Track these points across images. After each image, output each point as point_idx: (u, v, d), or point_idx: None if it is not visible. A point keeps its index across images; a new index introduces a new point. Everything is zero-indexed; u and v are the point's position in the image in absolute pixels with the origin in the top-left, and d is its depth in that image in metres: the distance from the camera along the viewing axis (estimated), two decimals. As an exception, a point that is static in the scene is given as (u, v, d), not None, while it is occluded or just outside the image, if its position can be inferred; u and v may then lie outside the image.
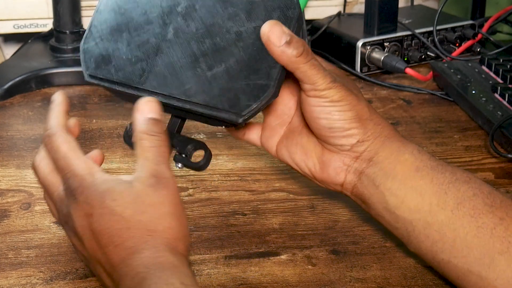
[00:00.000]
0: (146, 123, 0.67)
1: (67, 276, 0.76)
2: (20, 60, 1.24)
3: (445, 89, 1.16)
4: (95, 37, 0.75)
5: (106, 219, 0.64)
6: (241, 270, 0.77)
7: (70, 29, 1.23)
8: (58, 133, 0.69)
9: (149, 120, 0.67)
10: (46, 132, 0.70)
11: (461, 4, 1.44)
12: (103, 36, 0.75)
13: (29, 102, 1.15)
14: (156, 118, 0.67)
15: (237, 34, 0.71)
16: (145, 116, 0.67)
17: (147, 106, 0.68)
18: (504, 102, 1.06)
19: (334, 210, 0.87)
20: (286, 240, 0.82)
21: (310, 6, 1.40)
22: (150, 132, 0.66)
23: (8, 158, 0.98)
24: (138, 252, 0.63)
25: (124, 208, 0.64)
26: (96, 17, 0.76)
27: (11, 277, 0.76)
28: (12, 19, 1.30)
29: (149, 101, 0.68)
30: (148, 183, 0.64)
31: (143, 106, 0.68)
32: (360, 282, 0.75)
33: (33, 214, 0.86)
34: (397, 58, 1.21)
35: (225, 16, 0.71)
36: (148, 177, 0.64)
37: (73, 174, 0.66)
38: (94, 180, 0.65)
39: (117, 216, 0.64)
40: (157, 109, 0.68)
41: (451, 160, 0.97)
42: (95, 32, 0.75)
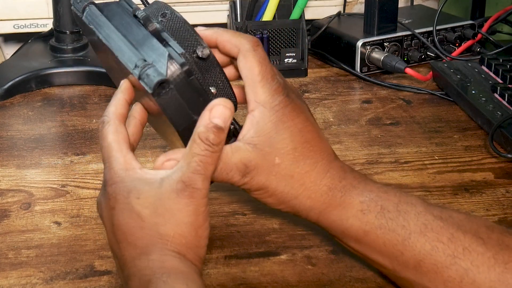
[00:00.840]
0: (208, 128, 0.64)
1: (67, 276, 0.76)
2: (20, 60, 1.24)
3: (445, 89, 1.16)
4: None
5: (125, 215, 0.64)
6: (241, 270, 0.77)
7: (70, 29, 1.23)
8: (110, 122, 0.68)
9: (210, 126, 0.64)
10: (101, 118, 0.69)
11: (461, 4, 1.44)
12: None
13: (29, 102, 1.15)
14: (220, 126, 0.64)
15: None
16: (211, 120, 0.64)
17: (218, 110, 0.64)
18: (503, 102, 1.06)
19: (334, 210, 0.87)
20: (286, 240, 0.81)
21: (310, 6, 1.40)
22: (206, 139, 0.64)
23: (8, 158, 0.98)
24: (146, 253, 0.63)
25: (143, 208, 0.64)
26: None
27: (11, 277, 0.76)
28: (12, 19, 1.31)
29: (224, 105, 0.64)
30: (174, 188, 0.63)
31: (215, 108, 0.64)
32: (360, 282, 0.75)
33: (33, 214, 0.86)
34: (397, 58, 1.21)
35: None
36: (177, 182, 0.63)
37: (110, 166, 0.66)
38: (126, 176, 0.65)
39: (135, 214, 0.64)
40: (226, 117, 0.64)
41: (451, 160, 0.97)
42: None
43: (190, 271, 0.63)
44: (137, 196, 0.64)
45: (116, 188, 0.65)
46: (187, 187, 0.63)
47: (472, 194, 0.90)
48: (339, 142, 1.02)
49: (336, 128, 1.06)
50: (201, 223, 0.64)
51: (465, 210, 0.87)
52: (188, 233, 0.64)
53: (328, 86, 1.21)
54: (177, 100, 0.65)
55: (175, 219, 0.63)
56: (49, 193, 0.91)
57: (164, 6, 0.70)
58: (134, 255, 0.63)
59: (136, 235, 0.64)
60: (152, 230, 0.63)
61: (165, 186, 0.64)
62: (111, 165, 0.66)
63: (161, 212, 0.63)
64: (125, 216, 0.64)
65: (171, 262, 0.62)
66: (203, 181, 0.63)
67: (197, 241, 0.64)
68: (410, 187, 0.91)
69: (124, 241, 0.64)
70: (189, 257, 0.64)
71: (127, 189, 0.65)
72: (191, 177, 0.63)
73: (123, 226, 0.64)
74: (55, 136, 1.05)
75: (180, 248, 0.63)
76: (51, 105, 1.14)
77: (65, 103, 1.14)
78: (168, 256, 0.63)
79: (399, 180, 0.93)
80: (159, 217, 0.63)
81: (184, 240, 0.63)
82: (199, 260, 0.65)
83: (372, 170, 0.95)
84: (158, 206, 0.63)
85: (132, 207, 0.64)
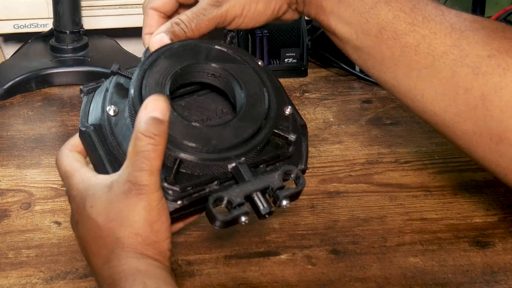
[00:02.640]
0: (146, 122, 0.62)
1: (67, 276, 0.76)
2: (20, 60, 1.24)
3: (445, 89, 1.16)
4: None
5: (86, 227, 0.64)
6: (241, 270, 0.77)
7: (70, 29, 1.23)
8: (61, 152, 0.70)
9: (150, 120, 0.62)
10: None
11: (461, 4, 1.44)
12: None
13: (29, 102, 1.15)
14: (159, 117, 0.62)
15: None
16: (148, 115, 0.62)
17: (153, 103, 0.62)
18: (504, 102, 1.06)
19: (334, 210, 0.87)
20: (286, 240, 0.81)
21: (310, 6, 1.40)
22: (146, 132, 0.61)
23: (8, 158, 0.98)
24: (107, 262, 0.63)
25: (97, 215, 0.63)
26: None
27: (11, 277, 0.76)
28: (12, 19, 1.30)
29: (156, 99, 0.63)
30: (122, 189, 0.62)
31: (149, 103, 0.62)
32: (360, 282, 0.75)
33: (33, 214, 0.86)
34: (397, 58, 1.20)
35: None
36: (124, 183, 0.62)
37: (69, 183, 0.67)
38: (82, 186, 0.65)
39: (93, 224, 0.64)
40: (163, 108, 0.62)
41: (451, 160, 0.97)
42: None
43: (149, 268, 0.62)
44: (91, 205, 0.64)
45: (75, 202, 0.66)
46: (134, 186, 0.62)
47: (472, 194, 0.90)
48: (339, 142, 1.02)
49: (336, 128, 1.06)
50: (156, 218, 0.63)
51: (465, 210, 0.87)
52: (143, 230, 0.63)
53: (328, 86, 1.21)
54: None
55: (127, 219, 0.63)
56: (49, 193, 0.91)
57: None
58: (100, 266, 0.64)
59: (97, 245, 0.64)
60: (109, 236, 0.63)
61: (114, 189, 0.63)
62: (69, 182, 0.67)
63: (114, 216, 0.63)
64: (86, 228, 0.64)
65: (129, 264, 0.62)
66: (150, 176, 0.62)
67: (155, 236, 0.63)
68: (410, 186, 0.92)
69: (90, 253, 0.64)
70: (149, 254, 0.63)
71: (83, 200, 0.65)
72: (136, 175, 0.62)
73: (87, 238, 0.64)
74: (55, 136, 1.05)
75: (137, 247, 0.63)
76: (51, 105, 1.14)
77: (65, 103, 1.14)
78: (126, 259, 0.62)
79: (399, 180, 0.93)
80: (113, 222, 0.63)
81: (140, 238, 0.63)
82: (162, 254, 0.64)
83: (372, 170, 0.95)
84: (110, 211, 0.63)
85: (89, 217, 0.64)
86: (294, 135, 0.69)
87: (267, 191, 0.65)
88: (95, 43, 1.27)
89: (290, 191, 0.66)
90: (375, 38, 0.72)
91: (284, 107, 0.70)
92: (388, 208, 0.88)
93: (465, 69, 0.69)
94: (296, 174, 0.67)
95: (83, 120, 0.69)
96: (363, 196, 0.91)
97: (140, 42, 0.76)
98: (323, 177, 0.94)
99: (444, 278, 0.77)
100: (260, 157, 0.67)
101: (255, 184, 0.65)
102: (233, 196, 0.64)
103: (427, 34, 0.71)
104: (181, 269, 0.77)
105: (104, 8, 1.31)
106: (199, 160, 0.64)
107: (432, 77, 0.70)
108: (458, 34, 0.70)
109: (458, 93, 0.69)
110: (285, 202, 0.65)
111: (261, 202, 0.65)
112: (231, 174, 0.66)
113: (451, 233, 0.83)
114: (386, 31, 0.72)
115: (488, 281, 0.76)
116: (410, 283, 0.75)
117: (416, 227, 0.85)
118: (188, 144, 0.64)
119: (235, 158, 0.65)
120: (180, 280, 0.76)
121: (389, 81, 0.74)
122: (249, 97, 0.68)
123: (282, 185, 0.66)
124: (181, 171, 0.65)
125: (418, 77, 0.71)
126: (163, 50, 0.69)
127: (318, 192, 0.91)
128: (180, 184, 0.65)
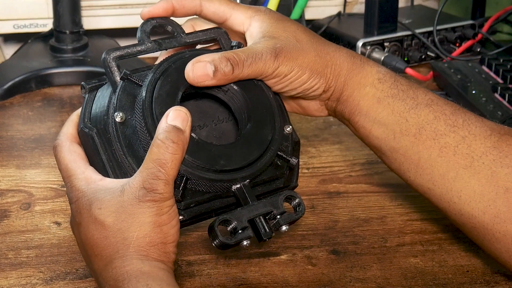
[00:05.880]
0: (165, 130, 0.63)
1: (67, 276, 0.76)
2: (20, 60, 1.24)
3: (445, 89, 1.16)
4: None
5: (90, 228, 0.64)
6: (241, 270, 0.77)
7: (70, 29, 1.23)
8: (62, 144, 0.69)
9: (170, 128, 0.63)
10: (54, 143, 0.70)
11: (461, 4, 1.44)
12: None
13: (29, 102, 1.15)
14: (179, 127, 0.63)
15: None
16: (168, 123, 0.64)
17: (174, 113, 0.64)
18: (504, 102, 1.06)
19: (334, 210, 0.87)
20: (286, 240, 0.81)
21: (310, 6, 1.40)
22: (165, 140, 0.63)
23: (8, 158, 0.98)
24: (110, 262, 0.63)
25: (106, 217, 0.64)
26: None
27: (11, 277, 0.76)
28: (12, 19, 1.30)
29: (178, 109, 0.64)
30: (136, 195, 0.63)
31: (171, 112, 0.64)
32: (360, 282, 0.75)
33: (33, 214, 0.86)
34: (397, 58, 1.20)
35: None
36: (138, 188, 0.63)
37: (71, 184, 0.67)
38: (88, 189, 0.66)
39: (99, 225, 0.64)
40: (184, 118, 0.64)
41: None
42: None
43: (153, 270, 0.63)
44: (99, 207, 0.64)
45: (79, 203, 0.66)
46: (149, 193, 0.63)
47: (473, 194, 0.90)
48: (339, 142, 1.02)
49: (336, 128, 1.06)
50: (166, 221, 0.64)
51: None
52: (152, 231, 0.63)
53: (328, 86, 1.21)
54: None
55: (138, 221, 0.63)
56: (49, 193, 0.90)
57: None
58: (102, 267, 0.64)
59: (101, 246, 0.64)
60: (116, 237, 0.63)
61: (127, 193, 0.64)
62: (72, 183, 0.67)
63: (125, 218, 0.63)
64: (90, 229, 0.64)
65: (133, 266, 0.62)
66: (165, 186, 0.63)
67: (163, 238, 0.64)
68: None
69: (92, 255, 0.65)
70: (154, 256, 0.64)
71: (89, 202, 0.65)
72: (152, 183, 0.63)
73: (90, 239, 0.65)
74: (55, 136, 1.04)
75: (143, 248, 0.63)
76: (51, 105, 1.14)
77: (65, 103, 1.14)
78: (131, 260, 0.63)
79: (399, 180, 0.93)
80: (122, 223, 0.63)
81: (148, 239, 0.63)
82: (167, 256, 0.65)
83: (372, 170, 0.95)
84: (121, 213, 0.63)
85: (95, 218, 0.64)
86: (295, 158, 0.70)
87: (269, 215, 0.67)
88: (95, 43, 1.27)
89: (291, 217, 0.68)
90: (413, 138, 0.72)
91: (285, 126, 0.71)
92: (388, 209, 0.88)
93: (505, 169, 0.69)
94: (298, 202, 0.68)
95: (85, 120, 0.69)
96: (363, 196, 0.91)
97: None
98: (323, 177, 0.94)
99: (444, 278, 0.77)
100: (261, 177, 0.68)
101: (258, 208, 0.66)
102: (238, 219, 0.65)
103: (466, 135, 0.71)
104: (181, 270, 0.77)
105: (104, 8, 1.31)
106: (206, 180, 0.65)
107: (470, 177, 0.70)
108: (497, 137, 0.71)
109: (498, 193, 0.69)
110: (285, 227, 0.67)
111: (263, 226, 0.66)
112: (233, 194, 0.67)
113: (452, 234, 0.83)
114: (425, 131, 0.72)
115: (489, 282, 0.76)
116: (410, 283, 0.75)
117: (416, 228, 0.85)
118: (197, 162, 0.65)
119: (241, 180, 0.66)
120: (180, 281, 0.76)
121: (424, 184, 0.73)
122: (256, 117, 0.69)
123: (283, 210, 0.67)
124: (186, 187, 0.65)
125: (455, 178, 0.71)
126: (174, 59, 0.69)
127: (318, 192, 0.91)
128: (185, 200, 0.66)
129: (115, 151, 0.66)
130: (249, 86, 0.70)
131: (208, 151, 0.66)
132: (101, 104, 0.68)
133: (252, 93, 0.70)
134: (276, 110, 0.70)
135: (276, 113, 0.70)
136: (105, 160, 0.67)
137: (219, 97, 0.70)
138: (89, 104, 0.70)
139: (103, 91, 0.69)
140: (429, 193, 0.73)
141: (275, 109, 0.70)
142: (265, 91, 0.70)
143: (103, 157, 0.67)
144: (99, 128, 0.67)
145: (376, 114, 0.73)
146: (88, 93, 0.70)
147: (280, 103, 0.73)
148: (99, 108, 0.68)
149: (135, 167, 0.65)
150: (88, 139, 0.68)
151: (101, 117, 0.67)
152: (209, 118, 0.72)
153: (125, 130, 0.66)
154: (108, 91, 0.68)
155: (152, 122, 0.65)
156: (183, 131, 0.63)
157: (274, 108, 0.70)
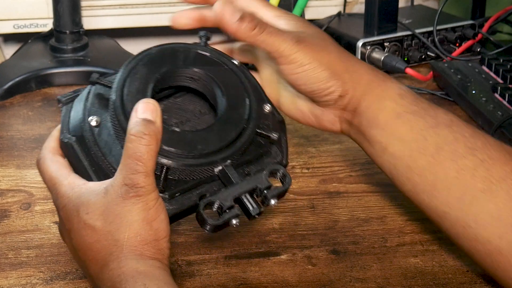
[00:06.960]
0: (136, 124, 0.63)
1: (67, 276, 0.76)
2: (20, 60, 1.24)
3: (445, 89, 1.16)
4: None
5: (81, 233, 0.64)
6: (241, 270, 0.77)
7: (70, 29, 1.23)
8: (45, 156, 0.70)
9: (140, 121, 0.63)
10: (36, 157, 0.71)
11: (461, 4, 1.44)
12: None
13: (29, 102, 1.15)
14: (149, 119, 0.63)
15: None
16: (138, 117, 0.63)
17: (142, 106, 0.64)
18: (504, 102, 1.06)
19: (334, 210, 0.87)
20: (286, 240, 0.81)
21: (310, 6, 1.40)
22: (137, 133, 0.62)
23: (8, 158, 0.98)
24: (105, 265, 0.63)
25: (94, 221, 0.64)
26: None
27: (11, 277, 0.76)
28: (12, 19, 1.30)
29: (146, 101, 0.64)
30: (119, 193, 0.63)
31: (139, 106, 0.64)
32: (360, 282, 0.75)
33: (33, 214, 0.86)
34: (397, 58, 1.20)
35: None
36: (120, 186, 0.63)
37: (56, 192, 0.67)
38: (73, 195, 0.66)
39: (89, 230, 0.64)
40: (152, 109, 0.63)
41: (451, 160, 0.97)
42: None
43: (149, 269, 0.62)
44: (86, 212, 0.64)
45: (66, 210, 0.66)
46: (131, 188, 0.62)
47: (473, 194, 0.90)
48: (339, 142, 1.02)
49: (336, 128, 1.06)
50: (154, 216, 0.64)
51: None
52: (142, 229, 0.63)
53: (328, 86, 1.21)
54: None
55: (126, 220, 0.63)
56: (49, 193, 0.90)
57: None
58: (97, 271, 0.64)
59: (94, 249, 0.64)
60: (107, 239, 0.63)
61: (110, 193, 0.63)
62: (57, 190, 0.67)
63: (112, 219, 0.63)
64: (82, 234, 0.64)
65: (129, 266, 0.62)
66: (146, 178, 0.62)
67: (154, 235, 0.64)
68: (410, 187, 0.91)
69: (86, 260, 0.65)
70: (148, 254, 0.63)
71: (76, 207, 0.65)
72: (132, 178, 0.62)
73: (82, 244, 0.65)
74: (55, 136, 1.05)
75: (136, 247, 0.63)
76: (51, 105, 1.14)
77: (65, 103, 1.14)
78: (126, 260, 0.62)
79: (399, 180, 0.93)
80: (111, 225, 0.63)
81: (140, 238, 0.63)
82: (161, 252, 0.64)
83: (372, 170, 0.95)
84: (108, 215, 0.63)
85: (85, 223, 0.64)
86: (276, 133, 0.69)
87: (255, 192, 0.66)
88: (95, 43, 1.27)
89: (278, 190, 0.67)
90: (431, 158, 0.70)
91: (263, 105, 0.71)
92: (388, 208, 0.88)
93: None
94: (282, 173, 0.68)
95: (64, 131, 0.69)
96: (363, 196, 0.91)
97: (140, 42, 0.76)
98: (323, 177, 0.94)
99: (444, 278, 0.77)
100: (244, 158, 0.68)
101: (243, 186, 0.66)
102: (223, 199, 0.65)
103: (485, 159, 0.69)
104: (181, 270, 0.77)
105: (104, 8, 1.31)
106: (186, 166, 0.65)
107: (488, 201, 0.68)
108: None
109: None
110: (273, 201, 0.67)
111: (250, 203, 0.66)
112: (217, 177, 0.67)
113: (451, 233, 0.83)
114: (444, 151, 0.70)
115: (489, 282, 0.76)
116: (410, 283, 0.75)
117: (417, 227, 0.85)
118: (174, 150, 0.65)
119: (221, 161, 0.66)
120: (180, 281, 0.76)
121: (439, 207, 0.70)
122: (229, 99, 0.69)
123: (269, 184, 0.67)
124: (168, 177, 0.65)
125: (471, 202, 0.68)
126: (141, 57, 0.69)
127: (318, 192, 0.91)
128: (169, 191, 0.66)
129: (95, 155, 0.66)
130: (220, 71, 0.70)
131: (184, 138, 0.66)
132: (77, 113, 0.69)
133: (223, 77, 0.70)
134: (250, 91, 0.70)
135: (250, 93, 0.70)
136: (87, 166, 0.67)
137: (192, 87, 0.71)
138: (67, 115, 0.70)
139: (79, 101, 0.70)
140: (444, 217, 0.70)
141: (249, 89, 0.70)
142: (236, 73, 0.71)
143: (85, 163, 0.67)
144: (78, 136, 0.68)
145: (395, 129, 0.72)
146: (64, 105, 0.71)
147: (256, 84, 0.73)
148: (76, 117, 0.69)
149: (116, 167, 0.65)
150: (69, 148, 0.68)
151: (78, 125, 0.68)
152: (190, 113, 0.73)
153: (101, 132, 0.67)
154: (83, 100, 0.69)
155: (125, 120, 0.65)
156: (153, 122, 0.63)
157: (248, 89, 0.70)
